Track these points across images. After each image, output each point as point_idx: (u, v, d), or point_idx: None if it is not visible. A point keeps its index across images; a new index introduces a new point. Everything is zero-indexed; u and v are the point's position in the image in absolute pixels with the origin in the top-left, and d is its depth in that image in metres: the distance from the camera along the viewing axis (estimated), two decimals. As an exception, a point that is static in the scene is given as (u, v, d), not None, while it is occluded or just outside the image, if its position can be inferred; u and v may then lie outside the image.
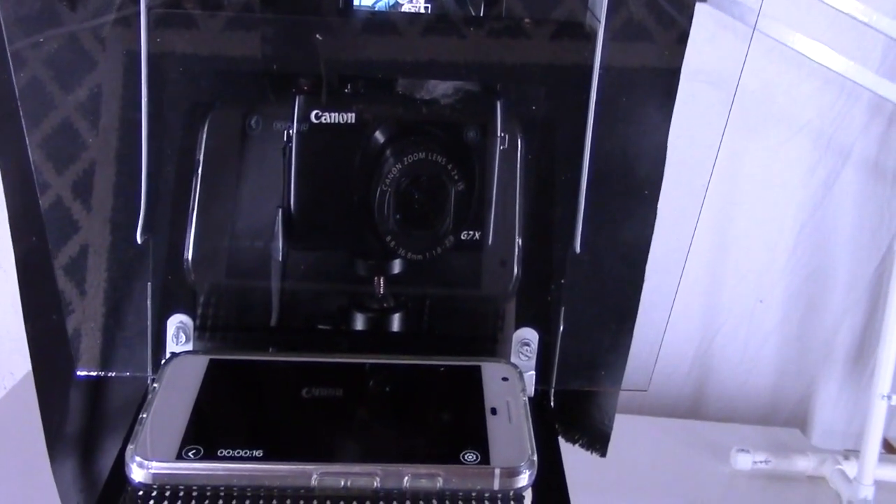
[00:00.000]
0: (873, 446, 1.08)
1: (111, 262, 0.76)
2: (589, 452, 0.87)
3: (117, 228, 0.75)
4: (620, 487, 1.10)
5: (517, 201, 0.76)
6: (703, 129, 0.78)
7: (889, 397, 1.06)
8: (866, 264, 1.28)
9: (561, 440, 0.85)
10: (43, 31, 0.71)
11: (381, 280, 0.77)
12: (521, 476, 0.62)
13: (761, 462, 1.16)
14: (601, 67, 0.73)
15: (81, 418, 0.80)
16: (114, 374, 0.77)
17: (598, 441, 0.87)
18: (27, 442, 0.76)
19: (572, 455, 0.79)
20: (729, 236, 1.29)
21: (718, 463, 1.18)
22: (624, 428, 1.01)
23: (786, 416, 1.37)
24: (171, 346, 0.76)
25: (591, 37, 0.73)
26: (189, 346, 0.76)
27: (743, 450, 1.17)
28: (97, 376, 0.77)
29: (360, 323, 0.78)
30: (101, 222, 0.75)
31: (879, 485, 1.09)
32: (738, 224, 1.28)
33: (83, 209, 0.75)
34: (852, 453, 1.16)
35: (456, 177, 0.72)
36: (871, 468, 1.09)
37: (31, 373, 0.76)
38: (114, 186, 0.74)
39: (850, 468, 1.14)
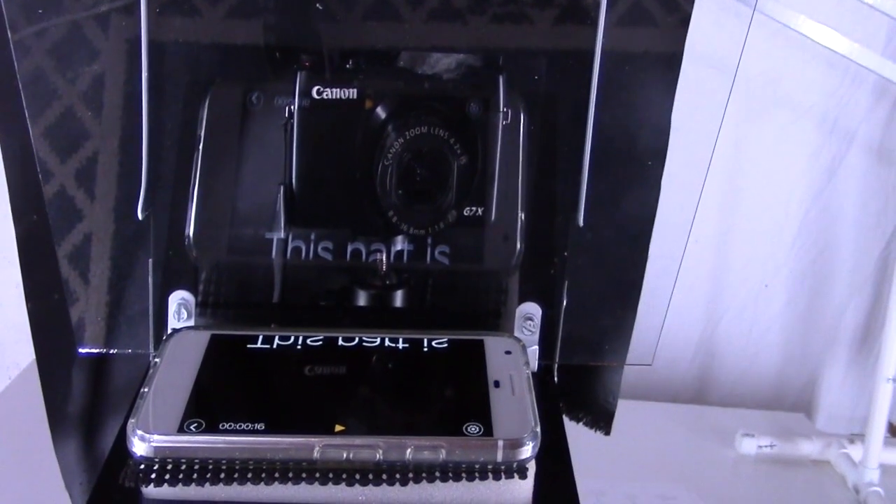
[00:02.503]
0: (878, 430, 1.08)
1: (112, 238, 0.75)
2: (593, 431, 0.87)
3: (119, 205, 0.75)
4: (625, 472, 1.10)
5: (520, 176, 0.76)
6: (705, 111, 0.77)
7: (895, 380, 1.05)
8: (871, 248, 1.27)
9: (565, 420, 0.85)
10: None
11: (384, 257, 0.77)
12: (525, 448, 0.62)
13: (766, 446, 1.16)
14: (603, 39, 0.73)
15: (84, 398, 0.80)
16: (115, 352, 0.77)
17: (602, 419, 0.86)
18: (33, 431, 0.77)
19: (576, 439, 0.79)
20: (733, 221, 1.29)
21: (723, 447, 1.18)
22: (629, 413, 1.00)
23: (791, 401, 1.36)
24: (173, 323, 0.76)
25: (594, 8, 0.72)
26: (191, 323, 0.76)
27: (748, 434, 1.16)
28: (99, 354, 0.77)
29: (362, 300, 0.78)
30: (102, 199, 0.75)
31: (885, 468, 1.09)
32: (743, 209, 1.28)
33: (84, 186, 0.74)
34: (857, 437, 1.15)
35: (458, 151, 0.71)
36: (876, 452, 1.09)
37: (36, 362, 0.76)
38: (116, 162, 0.74)
39: (855, 452, 1.14)
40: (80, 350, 0.76)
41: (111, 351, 0.77)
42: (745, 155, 1.24)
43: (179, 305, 0.76)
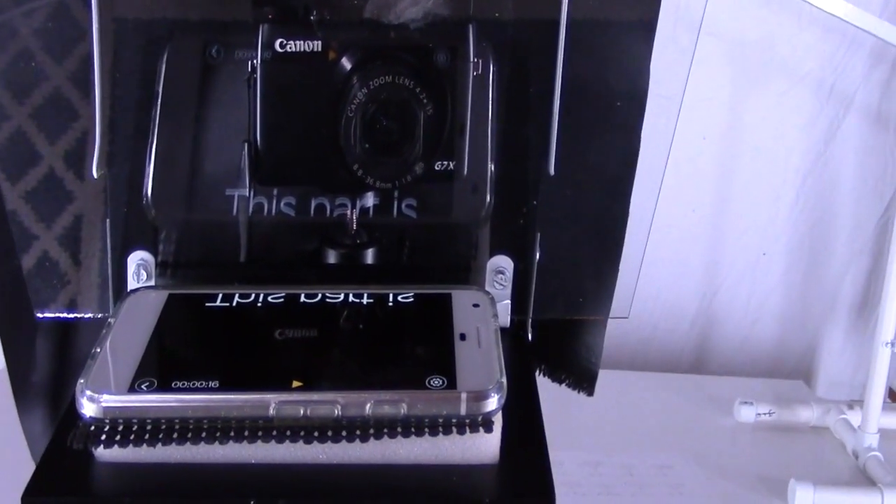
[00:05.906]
0: (877, 395, 1.07)
1: (68, 198, 0.73)
2: (576, 392, 0.85)
3: (75, 163, 0.73)
4: (623, 442, 1.09)
5: (489, 127, 0.73)
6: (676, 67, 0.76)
7: (893, 344, 1.04)
8: (870, 214, 1.25)
9: (547, 381, 0.83)
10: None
11: (353, 214, 0.75)
12: (489, 400, 0.59)
13: (765, 414, 1.14)
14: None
15: (50, 367, 0.78)
16: (74, 316, 0.75)
17: (584, 380, 0.84)
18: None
19: (575, 412, 0.77)
20: (731, 189, 1.27)
21: (722, 416, 1.17)
22: (627, 383, 0.98)
23: (790, 369, 1.35)
24: (132, 284, 0.74)
25: None
26: (151, 284, 0.74)
27: (746, 402, 1.15)
28: (57, 318, 0.75)
29: (330, 258, 0.76)
30: (58, 157, 0.73)
31: (884, 433, 1.08)
32: (740, 177, 1.26)
33: (43, 142, 0.73)
34: (856, 403, 1.14)
35: (425, 100, 0.70)
36: (875, 417, 1.07)
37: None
38: (72, 119, 0.72)
39: (854, 418, 1.12)
40: (38, 315, 0.75)
41: (70, 315, 0.75)
42: (741, 122, 1.23)
43: (139, 266, 0.74)
